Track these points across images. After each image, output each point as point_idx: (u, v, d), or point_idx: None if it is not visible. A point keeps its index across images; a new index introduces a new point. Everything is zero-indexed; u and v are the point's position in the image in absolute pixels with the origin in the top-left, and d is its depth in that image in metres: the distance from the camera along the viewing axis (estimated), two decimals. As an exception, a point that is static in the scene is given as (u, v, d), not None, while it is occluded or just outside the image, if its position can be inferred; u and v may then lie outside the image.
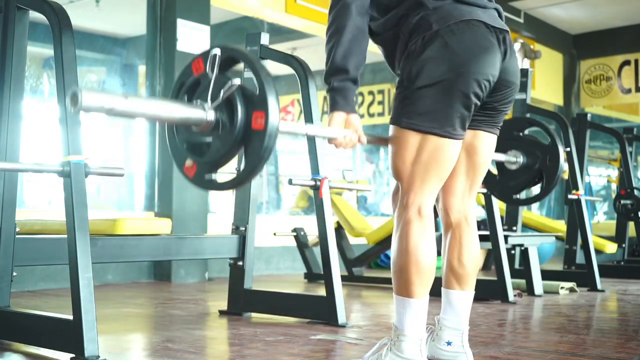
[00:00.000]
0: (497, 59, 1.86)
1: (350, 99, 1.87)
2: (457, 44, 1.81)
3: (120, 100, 1.38)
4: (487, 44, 1.84)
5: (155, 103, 1.48)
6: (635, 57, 9.66)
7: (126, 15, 5.92)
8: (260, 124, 1.47)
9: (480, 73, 1.82)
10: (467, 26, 1.83)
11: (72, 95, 1.32)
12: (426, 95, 1.82)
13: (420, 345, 1.88)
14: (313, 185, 3.00)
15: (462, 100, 1.82)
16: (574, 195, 4.71)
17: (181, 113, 1.49)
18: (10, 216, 2.39)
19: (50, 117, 5.01)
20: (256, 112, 1.48)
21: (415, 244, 1.85)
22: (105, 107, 1.35)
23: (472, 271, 2.07)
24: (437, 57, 1.81)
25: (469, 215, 2.08)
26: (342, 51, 1.84)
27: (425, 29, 1.84)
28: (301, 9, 6.41)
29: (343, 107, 1.85)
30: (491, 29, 1.86)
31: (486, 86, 1.85)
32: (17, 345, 2.41)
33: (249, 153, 1.51)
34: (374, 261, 6.39)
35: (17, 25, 2.38)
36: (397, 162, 1.89)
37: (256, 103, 1.48)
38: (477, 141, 2.02)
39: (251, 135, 1.49)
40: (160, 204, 5.18)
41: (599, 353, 2.37)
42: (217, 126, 1.52)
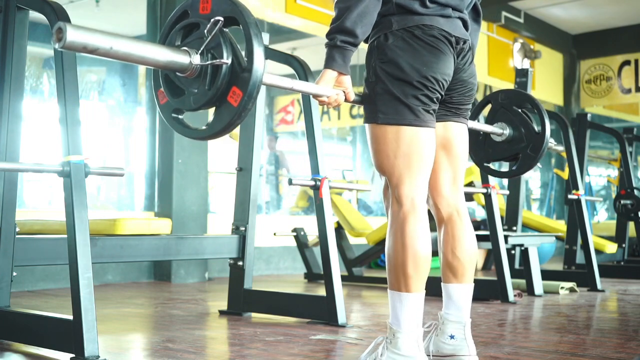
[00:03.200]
0: (450, 61, 1.96)
1: (348, 61, 1.90)
2: (416, 44, 1.90)
3: (105, 39, 1.36)
4: (442, 46, 1.93)
5: (142, 46, 1.47)
6: (635, 57, 9.66)
7: (126, 15, 5.93)
8: (235, 100, 1.49)
9: (438, 71, 1.91)
10: (424, 30, 1.91)
11: (57, 29, 1.31)
12: (391, 90, 1.89)
13: (417, 341, 1.88)
14: (313, 185, 3.00)
15: (424, 93, 1.90)
16: (574, 195, 4.71)
17: (166, 57, 1.50)
18: (10, 216, 2.39)
19: (50, 117, 5.02)
20: (235, 87, 1.49)
21: (412, 237, 1.87)
22: (89, 46, 1.34)
23: (468, 263, 2.08)
24: (399, 55, 1.89)
25: (460, 208, 2.11)
26: (355, 16, 1.85)
27: (385, 28, 1.92)
28: (301, 9, 6.41)
29: (339, 67, 1.88)
30: (448, 35, 1.95)
31: (443, 84, 1.94)
32: (17, 345, 2.41)
33: (216, 118, 1.54)
34: (374, 261, 6.39)
35: (17, 25, 2.38)
36: (380, 158, 1.94)
37: (239, 79, 1.49)
38: (449, 132, 2.10)
39: (223, 105, 1.51)
40: (160, 204, 5.18)
41: (599, 353, 2.37)
42: (197, 81, 1.54)
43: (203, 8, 1.57)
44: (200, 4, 1.58)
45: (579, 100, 10.18)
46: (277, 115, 8.17)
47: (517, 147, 2.52)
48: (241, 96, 1.48)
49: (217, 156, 6.10)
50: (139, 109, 5.55)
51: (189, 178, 5.19)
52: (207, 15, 1.56)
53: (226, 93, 1.51)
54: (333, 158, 8.26)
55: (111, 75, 5.70)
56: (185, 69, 1.52)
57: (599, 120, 9.68)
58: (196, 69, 1.53)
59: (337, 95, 1.88)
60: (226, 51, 1.51)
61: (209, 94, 1.52)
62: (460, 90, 2.06)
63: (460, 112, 2.11)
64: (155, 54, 1.49)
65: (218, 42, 1.52)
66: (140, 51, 1.45)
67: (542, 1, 8.66)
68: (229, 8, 1.53)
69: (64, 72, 2.18)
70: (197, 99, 1.54)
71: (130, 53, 1.43)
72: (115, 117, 5.65)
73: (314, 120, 3.09)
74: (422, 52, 1.90)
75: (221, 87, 1.51)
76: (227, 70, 1.51)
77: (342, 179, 6.43)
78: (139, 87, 5.68)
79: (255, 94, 1.49)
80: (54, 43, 1.32)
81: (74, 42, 1.32)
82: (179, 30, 1.61)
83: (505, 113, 2.54)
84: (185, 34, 1.60)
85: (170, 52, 1.51)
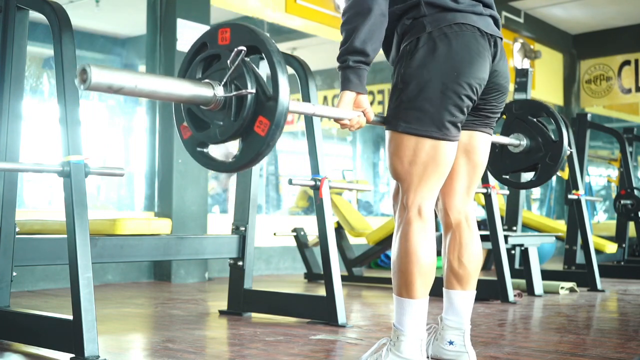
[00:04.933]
0: (487, 63, 1.89)
1: (364, 80, 1.87)
2: (448, 47, 1.84)
3: (130, 78, 1.34)
4: (478, 47, 1.87)
5: (166, 82, 1.44)
6: (635, 57, 9.65)
7: (126, 15, 5.92)
8: (263, 130, 1.45)
9: (472, 76, 1.86)
10: (459, 29, 1.86)
11: (81, 71, 1.28)
12: (420, 98, 1.84)
13: (421, 345, 1.88)
14: (313, 185, 3.00)
15: (454, 103, 1.84)
16: (574, 195, 4.71)
17: (190, 91, 1.46)
18: (10, 216, 2.39)
19: (50, 117, 5.02)
20: (262, 117, 1.45)
21: (415, 244, 1.86)
22: (114, 86, 1.32)
23: (473, 271, 2.07)
24: (429, 60, 1.83)
25: (469, 215, 2.09)
26: (363, 35, 1.83)
27: (418, 31, 1.86)
28: (301, 9, 6.40)
29: (355, 87, 1.85)
30: (483, 33, 1.89)
31: (477, 89, 1.88)
32: (17, 345, 2.41)
33: (244, 149, 1.50)
34: (374, 261, 6.39)
35: (17, 25, 2.38)
36: (396, 163, 1.91)
37: (265, 108, 1.45)
38: (475, 141, 2.06)
39: (250, 135, 1.48)
40: (160, 204, 5.18)
41: (599, 353, 2.37)
42: (222, 113, 1.50)
43: (222, 39, 1.54)
44: (219, 35, 1.54)
45: (579, 100, 10.18)
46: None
47: (535, 157, 2.50)
48: (269, 125, 1.44)
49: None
50: (139, 109, 5.55)
51: (189, 178, 5.19)
52: (227, 46, 1.52)
53: (253, 123, 1.47)
54: (333, 158, 8.26)
55: (111, 75, 5.69)
56: (209, 101, 1.48)
57: (599, 120, 9.68)
58: (220, 101, 1.49)
59: (359, 117, 1.85)
60: (250, 81, 1.47)
61: (235, 125, 1.48)
62: (493, 95, 2.00)
63: (489, 120, 2.06)
64: (179, 89, 1.45)
65: (241, 72, 1.48)
66: (165, 87, 1.43)
67: (542, 1, 8.66)
68: (249, 37, 1.50)
69: (64, 72, 2.18)
70: (223, 131, 1.50)
71: (154, 90, 1.40)
72: (115, 117, 5.65)
73: (314, 120, 3.08)
74: (455, 54, 1.84)
75: (247, 118, 1.47)
76: (253, 100, 1.47)
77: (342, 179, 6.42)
78: (139, 87, 5.68)
79: (282, 122, 1.44)
80: (78, 84, 1.29)
81: (99, 83, 1.29)
82: (199, 63, 1.57)
83: (521, 123, 2.52)
84: (206, 66, 1.56)
85: (194, 85, 1.47)
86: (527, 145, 2.52)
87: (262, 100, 1.46)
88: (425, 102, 1.84)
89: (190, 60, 1.61)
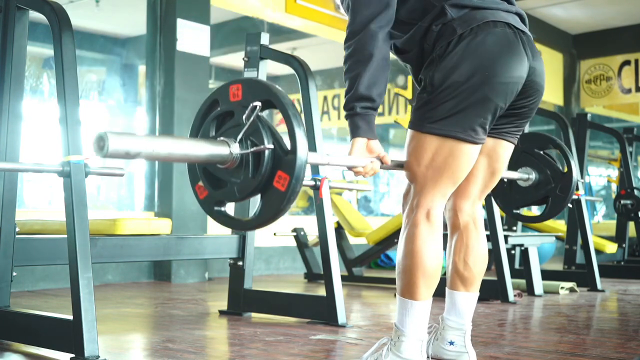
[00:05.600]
0: (523, 60, 1.83)
1: (373, 125, 1.84)
2: (481, 46, 1.79)
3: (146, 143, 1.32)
4: (512, 44, 1.81)
5: (182, 143, 1.41)
6: (635, 57, 9.65)
7: (126, 15, 5.92)
8: (283, 185, 1.42)
9: (506, 75, 1.79)
10: (491, 27, 1.81)
11: (98, 138, 1.26)
12: (449, 99, 1.79)
13: (421, 346, 1.88)
14: (313, 185, 3.00)
15: (486, 105, 1.80)
16: (574, 195, 4.70)
17: (207, 151, 1.43)
18: (10, 216, 2.39)
19: (50, 117, 5.01)
20: (281, 171, 1.42)
21: (421, 246, 1.84)
22: (132, 152, 1.29)
23: (478, 274, 2.07)
24: (460, 61, 1.78)
25: (477, 218, 2.08)
26: (367, 81, 1.80)
27: (449, 35, 1.81)
28: (301, 9, 6.40)
29: (365, 133, 1.82)
30: (515, 30, 1.84)
31: (512, 89, 1.82)
32: (17, 345, 2.41)
33: (264, 205, 1.46)
34: (374, 261, 6.39)
35: (17, 25, 2.38)
36: (413, 165, 1.87)
37: (283, 162, 1.42)
38: (499, 149, 2.01)
39: (270, 191, 1.44)
40: (160, 204, 5.18)
41: (599, 353, 2.37)
42: (239, 170, 1.47)
43: (234, 95, 1.51)
44: (231, 91, 1.52)
45: (579, 100, 10.17)
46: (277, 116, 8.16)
47: (545, 190, 2.48)
48: (289, 180, 1.41)
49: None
50: (139, 108, 5.55)
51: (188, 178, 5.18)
52: (239, 102, 1.49)
53: (272, 179, 1.44)
54: (333, 158, 8.24)
55: (111, 75, 5.70)
56: (226, 160, 1.45)
57: (599, 120, 9.67)
58: (237, 159, 1.45)
59: (372, 163, 1.82)
60: (266, 136, 1.44)
61: (254, 182, 1.45)
62: (529, 95, 1.90)
63: (518, 126, 1.99)
64: (195, 149, 1.42)
65: (256, 128, 1.44)
66: (181, 149, 1.40)
67: (542, 1, 8.66)
68: (262, 91, 1.47)
69: (64, 72, 2.18)
70: (242, 188, 1.47)
71: (171, 153, 1.38)
72: (115, 117, 5.65)
73: (314, 120, 3.08)
74: (488, 54, 1.77)
75: (266, 174, 1.44)
76: (270, 155, 1.44)
77: (342, 179, 6.42)
78: (139, 87, 5.68)
79: (302, 175, 1.42)
80: (96, 152, 1.27)
81: (117, 151, 1.27)
82: (211, 121, 1.54)
83: (528, 157, 2.50)
84: (219, 124, 1.53)
85: (210, 145, 1.44)
86: (536, 179, 2.49)
87: (280, 155, 1.43)
88: (453, 104, 1.79)
89: (202, 118, 1.58)
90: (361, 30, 1.82)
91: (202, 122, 1.58)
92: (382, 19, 1.82)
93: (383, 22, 1.83)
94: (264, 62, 3.21)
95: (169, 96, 5.15)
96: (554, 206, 2.47)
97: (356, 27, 1.83)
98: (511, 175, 2.47)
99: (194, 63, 5.25)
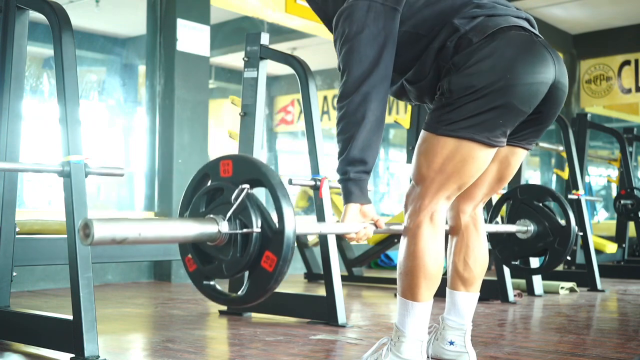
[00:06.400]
0: (546, 60, 1.78)
1: (366, 190, 1.83)
2: (499, 50, 1.74)
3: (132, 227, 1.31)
4: (531, 45, 1.78)
5: (170, 225, 1.40)
6: (635, 57, 9.65)
7: (126, 15, 5.92)
8: (270, 266, 1.41)
9: (529, 76, 1.73)
10: (506, 32, 1.77)
11: (83, 225, 1.26)
12: (468, 102, 1.74)
13: (421, 347, 1.88)
14: (313, 185, 3.00)
15: (508, 109, 1.74)
16: (574, 195, 4.71)
17: (195, 231, 1.42)
18: (10, 216, 2.39)
19: (50, 117, 5.01)
20: (269, 252, 1.42)
21: (423, 248, 1.84)
22: (118, 237, 1.29)
23: (479, 274, 2.07)
24: (480, 66, 1.73)
25: (478, 219, 2.09)
26: (360, 143, 1.78)
27: (465, 46, 1.77)
28: (301, 9, 6.40)
29: (358, 199, 1.81)
30: (530, 32, 1.82)
31: (536, 92, 1.76)
32: (17, 345, 2.41)
33: (251, 284, 1.46)
34: (374, 261, 6.39)
35: (17, 25, 2.38)
36: (422, 165, 1.84)
37: (271, 243, 1.42)
38: (513, 157, 1.99)
39: (257, 270, 1.44)
40: (160, 204, 5.18)
41: (599, 353, 2.37)
42: (228, 248, 1.46)
43: (224, 171, 1.51)
44: (221, 167, 1.51)
45: (579, 100, 10.17)
46: (277, 115, 8.17)
47: (543, 243, 2.47)
48: (276, 261, 1.40)
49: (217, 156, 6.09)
50: (139, 109, 5.55)
51: (189, 178, 5.14)
52: (229, 179, 1.49)
53: (259, 258, 1.43)
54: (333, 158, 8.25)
55: (111, 75, 5.70)
56: (214, 238, 1.45)
57: (599, 120, 9.67)
58: (225, 237, 1.45)
59: (365, 229, 1.82)
60: (254, 216, 1.43)
61: (242, 261, 1.44)
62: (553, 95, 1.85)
63: (539, 129, 1.94)
64: (183, 230, 1.41)
65: (245, 207, 1.44)
66: (169, 231, 1.39)
67: (542, 1, 8.66)
68: (251, 170, 1.46)
69: (64, 72, 2.18)
70: (230, 266, 1.47)
71: (159, 236, 1.37)
72: (115, 117, 5.65)
73: (314, 120, 3.09)
74: (510, 57, 1.72)
75: (254, 253, 1.43)
76: (258, 236, 1.44)
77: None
78: (139, 87, 5.68)
79: (290, 256, 1.41)
80: (81, 240, 1.26)
81: (102, 238, 1.26)
82: (202, 196, 1.54)
83: (527, 208, 2.50)
84: (209, 200, 1.53)
85: (198, 224, 1.43)
86: (535, 231, 2.49)
87: (268, 235, 1.42)
88: (473, 107, 1.74)
89: (192, 192, 1.57)
90: (353, 92, 1.78)
91: (192, 197, 1.57)
92: (375, 78, 1.78)
93: (376, 80, 1.78)
94: (264, 62, 3.21)
95: (169, 96, 5.16)
96: (552, 259, 2.47)
97: (348, 89, 1.79)
98: (509, 228, 2.47)
99: (194, 63, 5.25)
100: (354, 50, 1.78)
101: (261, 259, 1.42)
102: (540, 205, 2.48)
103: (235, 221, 1.45)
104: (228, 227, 1.44)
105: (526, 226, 2.48)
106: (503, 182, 2.06)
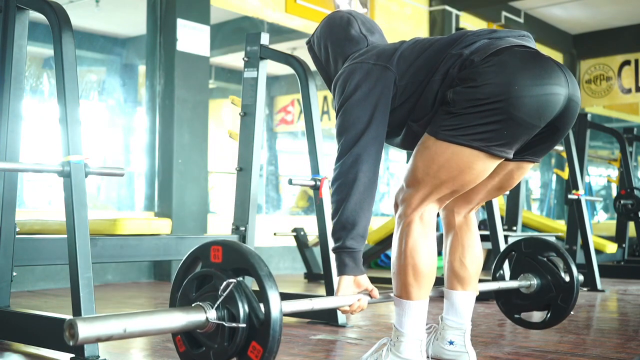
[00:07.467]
0: (554, 69, 1.75)
1: (359, 261, 1.83)
2: (504, 62, 1.72)
3: (117, 324, 1.30)
4: (536, 57, 1.75)
5: (156, 318, 1.39)
6: (635, 57, 9.66)
7: (126, 15, 5.93)
8: (256, 356, 1.42)
9: (536, 88, 1.70)
10: (511, 49, 1.76)
11: (68, 326, 1.25)
12: (473, 113, 1.72)
13: (420, 346, 1.88)
14: (313, 185, 3.00)
15: (515, 123, 1.71)
16: (574, 195, 4.71)
17: (183, 321, 1.42)
18: (10, 216, 2.39)
19: (50, 117, 5.02)
20: (255, 343, 1.42)
21: (413, 247, 1.85)
22: (103, 336, 1.28)
23: (474, 272, 2.08)
24: (485, 79, 1.71)
25: (472, 218, 2.10)
26: (352, 205, 1.79)
27: (468, 66, 1.76)
28: (301, 9, 6.40)
29: (352, 271, 1.82)
30: (532, 49, 1.81)
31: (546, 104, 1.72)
32: (17, 345, 2.41)
33: None
34: (374, 261, 6.39)
35: (17, 25, 2.38)
36: (417, 167, 1.84)
37: (257, 335, 1.42)
38: (519, 170, 1.97)
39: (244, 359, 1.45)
40: (160, 204, 5.18)
41: (599, 353, 2.37)
42: (215, 335, 1.47)
43: (214, 256, 1.52)
44: (212, 252, 1.52)
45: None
46: (277, 115, 8.17)
47: (546, 298, 2.46)
48: (262, 352, 1.41)
49: (217, 156, 6.10)
50: (139, 109, 5.55)
51: (189, 178, 5.19)
52: (218, 265, 1.50)
53: (246, 348, 1.44)
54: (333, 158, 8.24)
55: (111, 75, 5.70)
56: (202, 326, 1.46)
57: (599, 120, 9.68)
58: (213, 325, 1.46)
59: (359, 301, 1.83)
60: (242, 308, 1.43)
61: (229, 350, 1.45)
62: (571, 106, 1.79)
63: (552, 141, 1.88)
64: (170, 322, 1.41)
65: (232, 297, 1.44)
66: (156, 324, 1.38)
67: (542, 1, 8.66)
68: (240, 259, 1.47)
69: (64, 72, 2.18)
70: (217, 354, 1.47)
71: (145, 329, 1.36)
72: (115, 117, 5.65)
73: (314, 120, 3.09)
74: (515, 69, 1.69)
75: (241, 343, 1.44)
76: (245, 328, 1.44)
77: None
78: (139, 87, 5.69)
79: (276, 348, 1.42)
80: (66, 339, 1.25)
81: (87, 338, 1.25)
82: (192, 280, 1.54)
83: (530, 262, 2.49)
84: (199, 284, 1.54)
85: (185, 314, 1.43)
86: (538, 285, 2.47)
87: (255, 325, 1.43)
88: (479, 117, 1.71)
89: (183, 276, 1.58)
90: (346, 153, 1.82)
91: (183, 280, 1.57)
92: (366, 139, 1.81)
93: (367, 141, 1.81)
94: (264, 62, 3.21)
95: (169, 96, 5.16)
96: (555, 316, 2.45)
97: (342, 150, 1.83)
98: (512, 285, 2.46)
99: (194, 63, 5.26)
100: (346, 113, 1.83)
101: (248, 349, 1.44)
102: (544, 260, 2.46)
103: (223, 310, 1.45)
104: (216, 316, 1.45)
105: (529, 281, 2.46)
106: (502, 191, 2.06)
